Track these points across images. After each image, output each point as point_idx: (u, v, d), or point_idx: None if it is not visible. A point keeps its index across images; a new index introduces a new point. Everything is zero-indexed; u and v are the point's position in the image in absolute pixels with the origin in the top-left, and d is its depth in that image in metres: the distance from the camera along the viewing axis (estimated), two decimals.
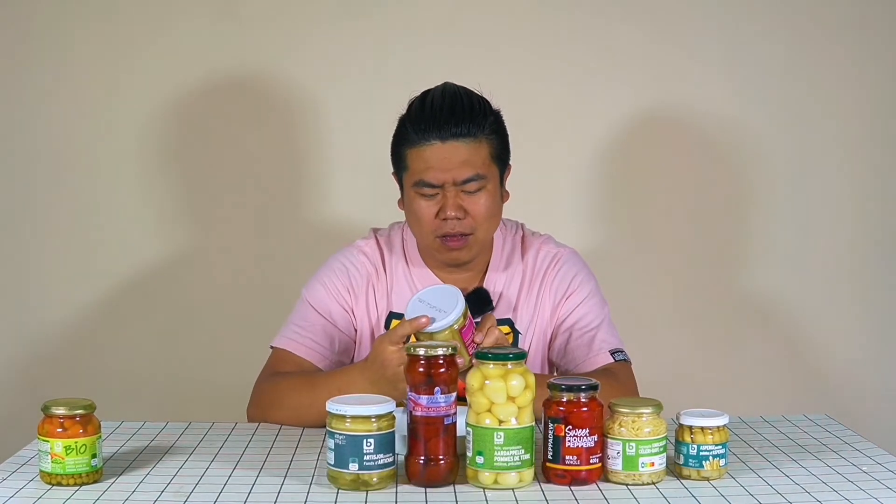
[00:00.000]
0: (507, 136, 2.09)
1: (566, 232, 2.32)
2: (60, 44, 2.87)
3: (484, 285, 2.14)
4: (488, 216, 2.04)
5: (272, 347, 2.15)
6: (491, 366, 1.63)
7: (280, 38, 2.89)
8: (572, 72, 2.91)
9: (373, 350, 1.91)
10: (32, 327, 2.94)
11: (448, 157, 1.99)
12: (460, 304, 1.86)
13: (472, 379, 1.64)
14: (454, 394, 1.65)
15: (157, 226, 2.93)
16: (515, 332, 2.14)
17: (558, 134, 2.92)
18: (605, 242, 2.94)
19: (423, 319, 1.81)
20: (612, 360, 2.09)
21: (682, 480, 1.68)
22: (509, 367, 1.63)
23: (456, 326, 1.86)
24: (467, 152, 2.00)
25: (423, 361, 1.63)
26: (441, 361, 1.63)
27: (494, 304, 2.13)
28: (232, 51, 2.88)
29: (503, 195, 2.11)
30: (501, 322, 2.12)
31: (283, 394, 2.04)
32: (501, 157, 2.07)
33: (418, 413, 1.64)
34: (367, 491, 1.62)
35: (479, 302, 2.10)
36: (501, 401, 1.62)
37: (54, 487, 1.65)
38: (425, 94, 2.06)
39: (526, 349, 2.08)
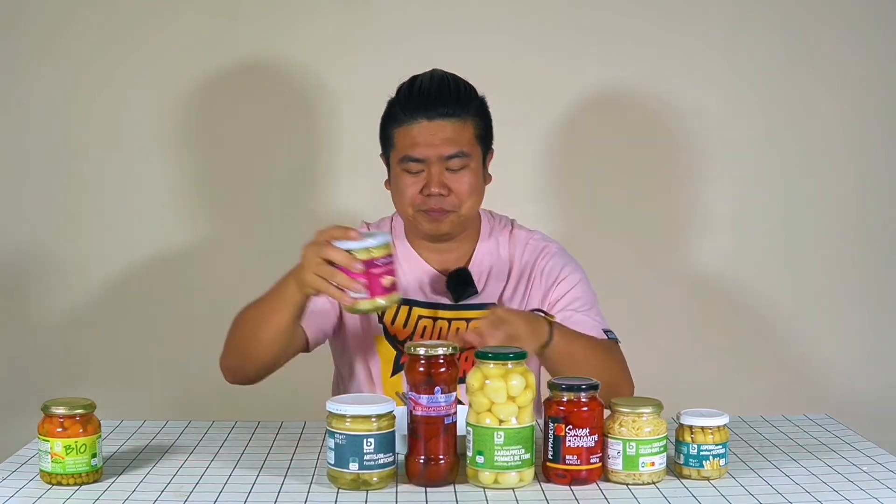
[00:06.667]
0: (490, 120, 2.16)
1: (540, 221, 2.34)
2: (65, 36, 2.87)
3: (470, 267, 2.17)
4: (471, 193, 2.10)
5: None
6: (491, 365, 1.63)
7: (287, 30, 2.88)
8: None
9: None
10: (33, 326, 2.94)
11: (434, 133, 2.06)
12: (387, 238, 1.80)
13: (473, 379, 1.64)
14: (454, 393, 1.65)
15: (156, 225, 2.92)
16: None
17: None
18: (597, 240, 2.94)
19: (353, 233, 1.78)
20: (606, 338, 2.11)
21: (683, 480, 1.68)
22: (510, 366, 1.63)
23: (374, 253, 1.77)
24: (453, 131, 2.06)
25: (423, 361, 1.64)
26: (441, 361, 1.64)
27: (479, 288, 2.15)
28: (235, 45, 2.88)
29: (486, 177, 2.16)
30: (486, 307, 2.13)
31: (236, 322, 2.07)
32: (485, 139, 2.14)
33: (418, 413, 1.64)
34: (367, 490, 1.62)
35: (460, 282, 2.13)
36: (502, 400, 1.62)
37: (54, 487, 1.65)
38: (414, 77, 2.13)
39: None
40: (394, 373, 2.15)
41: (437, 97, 2.07)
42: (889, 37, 2.95)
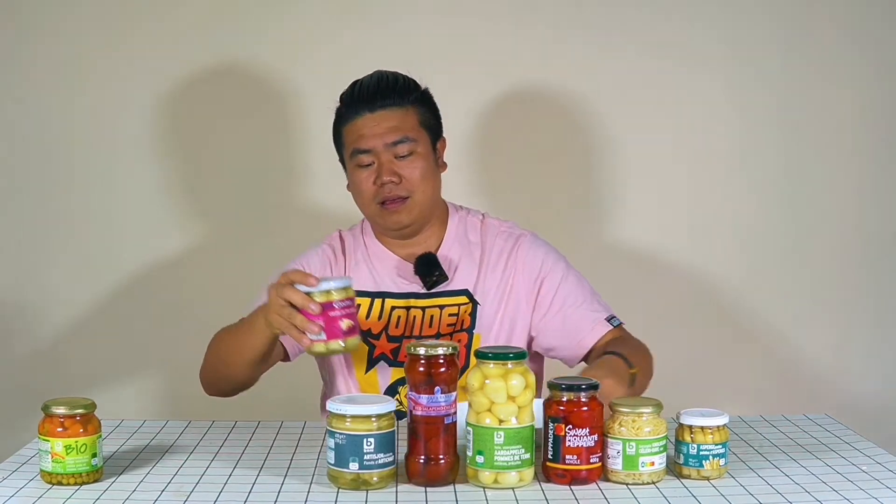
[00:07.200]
0: (436, 109, 2.22)
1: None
2: (52, 40, 2.87)
3: (438, 253, 2.19)
4: (422, 178, 2.14)
5: None
6: (491, 365, 1.63)
7: (275, 32, 2.88)
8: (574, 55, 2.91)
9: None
10: (32, 327, 2.93)
11: (378, 123, 2.13)
12: (347, 282, 1.81)
13: (473, 379, 1.64)
14: (454, 393, 1.66)
15: (154, 225, 2.92)
16: (474, 303, 2.17)
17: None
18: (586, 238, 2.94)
19: (311, 280, 1.79)
20: (612, 327, 2.14)
21: (683, 480, 1.68)
22: (509, 366, 1.63)
23: (333, 296, 1.77)
24: (395, 119, 2.13)
25: (423, 361, 1.64)
26: (441, 361, 1.64)
27: (450, 274, 2.16)
28: (225, 47, 2.88)
29: (439, 164, 2.21)
30: (458, 293, 2.16)
31: (213, 343, 2.15)
32: (431, 126, 2.19)
33: (418, 412, 1.64)
34: (367, 490, 1.62)
35: (426, 265, 2.16)
36: (502, 400, 1.62)
37: (54, 487, 1.65)
38: (355, 81, 2.21)
39: (487, 322, 2.15)
40: (368, 369, 2.16)
41: (377, 91, 2.15)
42: (890, 35, 2.95)
